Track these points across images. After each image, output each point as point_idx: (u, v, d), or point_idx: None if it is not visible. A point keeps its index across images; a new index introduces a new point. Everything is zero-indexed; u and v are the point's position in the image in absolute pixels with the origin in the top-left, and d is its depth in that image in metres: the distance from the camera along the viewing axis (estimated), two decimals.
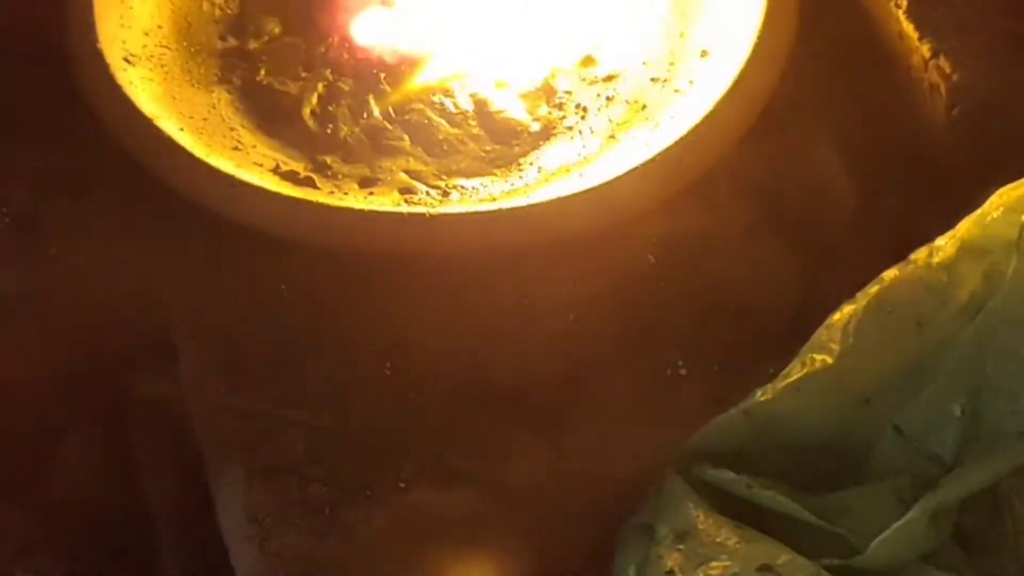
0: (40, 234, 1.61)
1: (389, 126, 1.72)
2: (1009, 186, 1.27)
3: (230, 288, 1.55)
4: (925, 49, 1.56)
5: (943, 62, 1.54)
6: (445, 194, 1.62)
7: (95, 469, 1.58)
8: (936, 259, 1.27)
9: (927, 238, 1.31)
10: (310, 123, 1.73)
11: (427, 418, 1.48)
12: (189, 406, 1.51)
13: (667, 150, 1.52)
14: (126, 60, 1.69)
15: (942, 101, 1.54)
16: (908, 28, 1.58)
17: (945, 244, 1.27)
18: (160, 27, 1.80)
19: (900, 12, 1.59)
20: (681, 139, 1.53)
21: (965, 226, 1.27)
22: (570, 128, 1.70)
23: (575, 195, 1.49)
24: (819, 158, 1.62)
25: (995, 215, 1.26)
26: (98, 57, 1.65)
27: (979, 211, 1.27)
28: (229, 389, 1.51)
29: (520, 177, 1.65)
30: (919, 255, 1.29)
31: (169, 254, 1.58)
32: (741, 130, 1.56)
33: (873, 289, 1.28)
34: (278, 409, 1.49)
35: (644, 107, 1.70)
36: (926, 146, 1.58)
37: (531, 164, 1.67)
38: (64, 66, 1.67)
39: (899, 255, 1.30)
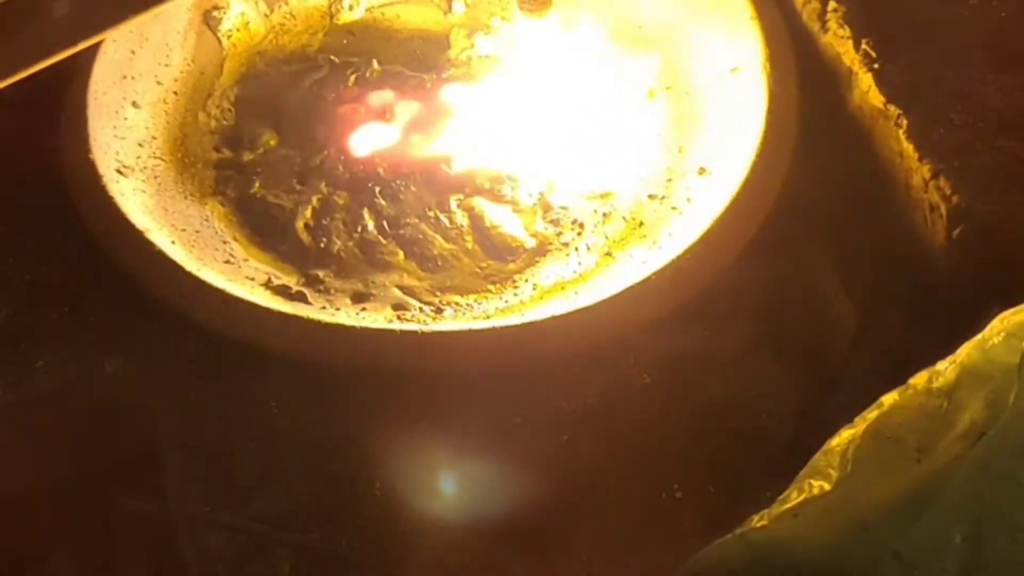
0: (29, 346, 1.59)
1: (383, 240, 1.70)
2: (1010, 311, 1.24)
3: (219, 403, 1.53)
4: (925, 170, 1.54)
5: (943, 183, 1.52)
6: (439, 311, 1.61)
7: None
8: (936, 384, 1.24)
9: (927, 360, 1.28)
10: (303, 237, 1.72)
11: (417, 541, 1.45)
12: (175, 522, 1.48)
13: (664, 268, 1.50)
14: (119, 171, 1.68)
15: (942, 222, 1.52)
16: (908, 148, 1.57)
17: (945, 369, 1.25)
18: (154, 138, 1.80)
19: (900, 132, 1.58)
20: (678, 258, 1.51)
21: (966, 351, 1.25)
22: (566, 244, 1.69)
23: (570, 314, 1.47)
24: (818, 278, 1.61)
25: (996, 340, 1.23)
26: (90, 168, 1.64)
27: (980, 336, 1.25)
28: (215, 505, 1.48)
29: (515, 294, 1.63)
30: (919, 380, 1.26)
31: (158, 367, 1.56)
32: (738, 249, 1.55)
33: (872, 414, 1.25)
34: (265, 527, 1.46)
35: (641, 224, 1.69)
36: (926, 267, 1.56)
37: (526, 281, 1.65)
38: (56, 177, 1.66)
39: (899, 377, 1.28)
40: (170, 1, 1.29)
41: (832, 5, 1.73)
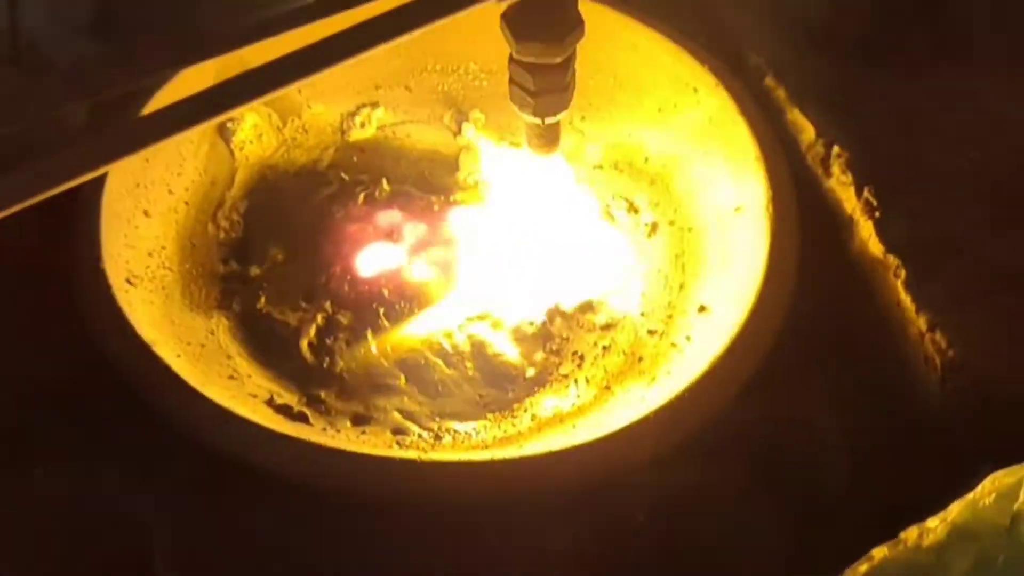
0: (27, 452, 1.60)
1: (385, 363, 1.72)
2: (1002, 472, 1.26)
3: (214, 520, 1.53)
4: (922, 321, 1.57)
5: (939, 336, 1.55)
6: (438, 437, 1.62)
7: None
8: (927, 542, 1.26)
9: (918, 511, 1.30)
10: (307, 355, 1.74)
11: None
12: None
13: (662, 407, 1.51)
14: (128, 281, 1.69)
15: (937, 374, 1.54)
16: (906, 299, 1.59)
17: (936, 526, 1.26)
18: (164, 248, 1.81)
19: (899, 282, 1.61)
20: (676, 397, 1.52)
21: (957, 509, 1.26)
22: (565, 376, 1.71)
23: (567, 449, 1.48)
24: (813, 422, 1.62)
25: (987, 501, 1.25)
26: (101, 277, 1.64)
27: (971, 495, 1.26)
28: None
29: (513, 424, 1.65)
30: (909, 535, 1.27)
31: (156, 481, 1.56)
32: (736, 389, 1.56)
33: (862, 568, 1.26)
34: None
35: (640, 359, 1.71)
36: (920, 416, 1.58)
37: (525, 411, 1.67)
38: (64, 282, 1.67)
39: (891, 524, 1.29)
40: (187, 131, 1.30)
41: (836, 150, 1.76)
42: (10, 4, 2.28)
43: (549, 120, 1.59)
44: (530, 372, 1.72)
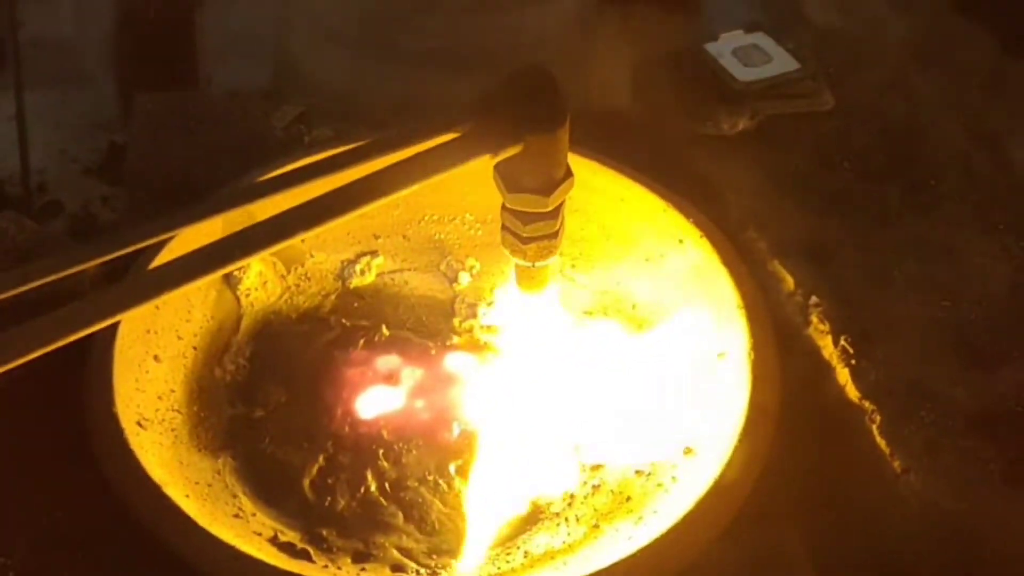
0: None
1: (384, 502, 1.79)
2: None
3: None
4: (896, 465, 1.64)
5: (912, 479, 1.62)
6: (435, 574, 1.68)
7: None
8: None
9: None
10: (309, 494, 1.81)
11: None
12: None
13: (648, 546, 1.57)
14: (139, 424, 1.76)
15: (910, 517, 1.60)
16: (881, 443, 1.67)
17: None
18: (173, 391, 1.88)
19: (874, 427, 1.68)
20: (662, 536, 1.58)
21: None
22: (557, 514, 1.78)
23: None
24: (792, 560, 1.67)
25: None
26: (113, 421, 1.70)
27: None
28: None
29: (507, 561, 1.71)
30: None
31: None
32: (719, 529, 1.62)
33: None
34: None
35: (628, 499, 1.78)
36: (895, 556, 1.63)
37: (518, 548, 1.73)
38: (76, 423, 1.72)
39: None
40: (197, 282, 1.37)
41: (814, 300, 1.84)
42: (21, 146, 2.37)
43: (539, 264, 1.67)
44: (523, 510, 1.78)
